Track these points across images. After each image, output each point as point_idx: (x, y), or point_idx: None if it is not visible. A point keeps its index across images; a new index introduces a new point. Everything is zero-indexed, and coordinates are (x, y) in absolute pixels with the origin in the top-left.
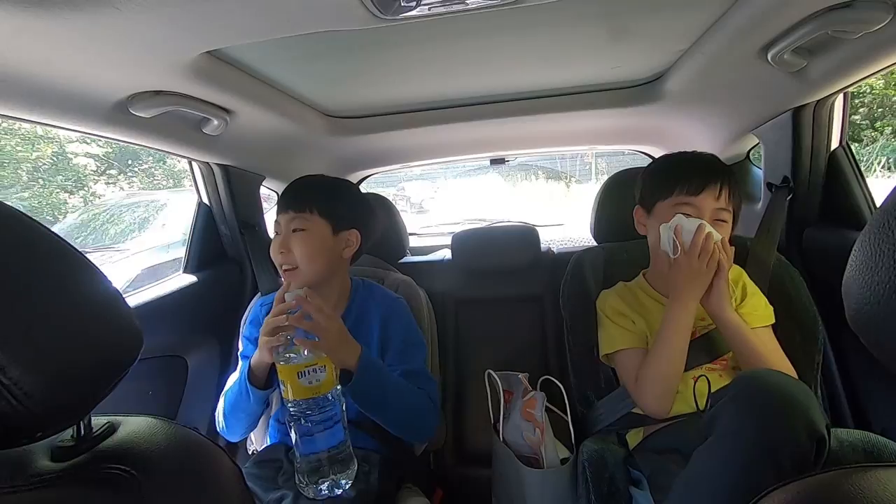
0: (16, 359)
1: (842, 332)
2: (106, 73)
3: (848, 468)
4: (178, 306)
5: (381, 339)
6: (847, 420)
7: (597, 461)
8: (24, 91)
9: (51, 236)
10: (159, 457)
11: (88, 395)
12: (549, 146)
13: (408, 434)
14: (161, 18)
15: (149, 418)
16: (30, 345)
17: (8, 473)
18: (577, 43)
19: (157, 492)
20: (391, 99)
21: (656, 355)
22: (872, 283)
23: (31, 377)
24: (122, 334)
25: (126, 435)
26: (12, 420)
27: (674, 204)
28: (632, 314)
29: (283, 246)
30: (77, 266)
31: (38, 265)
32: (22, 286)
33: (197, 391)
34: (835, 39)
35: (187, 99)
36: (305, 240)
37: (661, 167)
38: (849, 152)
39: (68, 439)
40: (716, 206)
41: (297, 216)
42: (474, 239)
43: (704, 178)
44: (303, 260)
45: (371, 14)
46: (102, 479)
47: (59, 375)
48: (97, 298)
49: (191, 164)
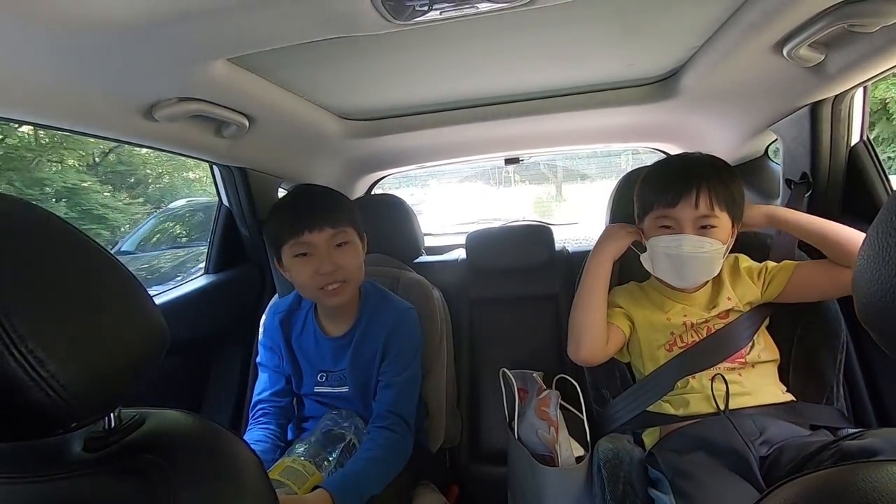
0: (53, 353)
1: (864, 331)
2: (131, 82)
3: (858, 463)
4: (200, 305)
5: (384, 350)
6: (871, 420)
7: (612, 460)
8: (55, 100)
9: (82, 237)
10: (184, 447)
11: (119, 388)
12: (563, 145)
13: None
14: (185, 29)
15: (174, 412)
16: (66, 340)
17: (45, 462)
18: (590, 41)
19: (183, 479)
20: (405, 101)
21: (575, 305)
22: (881, 277)
23: (67, 371)
24: (150, 331)
25: (154, 426)
26: (49, 411)
27: (655, 218)
28: (629, 307)
29: (330, 264)
30: (107, 266)
31: (71, 265)
32: (58, 285)
33: (219, 388)
34: (852, 33)
35: (208, 105)
36: (353, 251)
37: (644, 180)
38: (870, 147)
39: (100, 430)
40: (696, 216)
41: (338, 231)
42: (489, 238)
43: (678, 189)
44: (353, 271)
45: (384, 20)
46: (132, 468)
47: (92, 369)
48: (126, 297)
49: (211, 167)
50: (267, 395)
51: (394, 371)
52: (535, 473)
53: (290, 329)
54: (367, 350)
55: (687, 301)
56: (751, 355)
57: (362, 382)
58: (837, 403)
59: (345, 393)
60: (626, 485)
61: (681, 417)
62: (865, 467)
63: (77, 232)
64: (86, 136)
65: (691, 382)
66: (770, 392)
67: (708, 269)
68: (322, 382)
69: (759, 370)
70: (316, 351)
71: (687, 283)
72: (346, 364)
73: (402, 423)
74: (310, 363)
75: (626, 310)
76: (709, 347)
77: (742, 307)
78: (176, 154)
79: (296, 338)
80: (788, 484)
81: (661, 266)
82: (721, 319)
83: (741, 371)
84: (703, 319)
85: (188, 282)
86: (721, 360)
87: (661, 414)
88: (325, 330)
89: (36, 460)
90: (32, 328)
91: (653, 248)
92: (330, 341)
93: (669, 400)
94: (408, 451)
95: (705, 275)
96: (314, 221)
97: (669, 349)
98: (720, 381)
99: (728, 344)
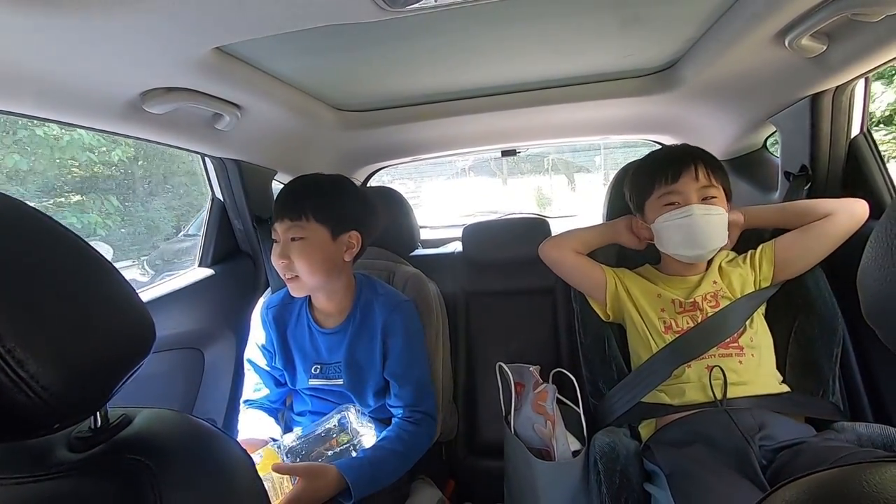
0: (33, 353)
1: (862, 326)
2: (118, 71)
3: (862, 463)
4: (193, 300)
5: (383, 345)
6: (867, 414)
7: (608, 454)
8: (39, 90)
9: (65, 233)
10: (173, 447)
11: (104, 388)
12: (561, 137)
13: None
14: (172, 15)
15: (163, 410)
16: (47, 339)
17: (28, 463)
18: (588, 31)
19: (171, 480)
20: (401, 92)
21: (578, 229)
22: (887, 274)
23: (48, 371)
24: (136, 328)
25: (141, 426)
26: (31, 412)
27: (658, 197)
28: (623, 276)
29: (283, 256)
30: (90, 262)
31: (53, 261)
32: (37, 282)
33: (214, 382)
34: (854, 23)
35: (199, 95)
36: (304, 249)
37: (636, 171)
38: (870, 139)
39: (85, 431)
40: (698, 186)
41: (294, 224)
42: (485, 231)
43: (678, 163)
44: (303, 270)
45: (378, 7)
46: (119, 469)
47: (74, 369)
48: (110, 293)
49: (203, 159)
50: (256, 398)
51: (405, 369)
52: (532, 467)
53: (284, 322)
54: (364, 343)
55: (678, 281)
56: (743, 338)
57: (358, 375)
58: (833, 397)
59: (340, 386)
60: (622, 478)
61: (676, 407)
62: (868, 467)
63: (59, 226)
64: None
65: (687, 372)
66: (766, 382)
67: (719, 233)
68: (317, 375)
69: (755, 358)
70: (310, 343)
71: (701, 249)
72: (342, 356)
73: (426, 417)
74: (304, 356)
75: (619, 278)
76: (702, 332)
77: (731, 293)
78: (169, 146)
79: (290, 331)
80: (790, 484)
81: (673, 240)
82: (713, 308)
83: (740, 358)
84: (691, 298)
85: (180, 275)
86: (714, 344)
87: (656, 404)
88: (319, 322)
89: (20, 462)
90: (11, 326)
91: (662, 224)
92: (324, 333)
93: (664, 390)
94: (429, 443)
95: (718, 240)
96: (279, 210)
97: (665, 332)
98: (718, 371)
99: (721, 328)
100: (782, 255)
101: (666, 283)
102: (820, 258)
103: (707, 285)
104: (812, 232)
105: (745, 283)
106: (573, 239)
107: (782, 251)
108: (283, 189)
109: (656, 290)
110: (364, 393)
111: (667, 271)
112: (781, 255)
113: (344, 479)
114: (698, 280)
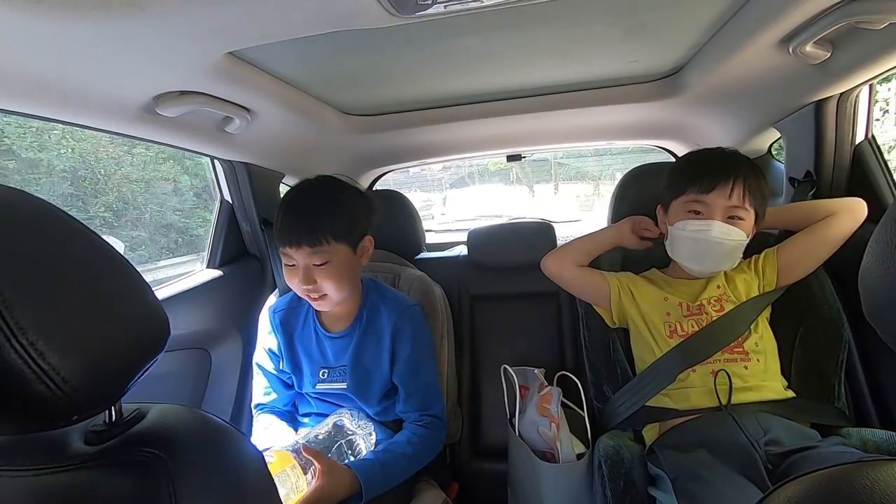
0: (54, 346)
1: (867, 330)
2: (133, 75)
3: (862, 462)
4: (201, 301)
5: (392, 350)
6: (872, 419)
7: (613, 457)
8: (56, 93)
9: (83, 229)
10: (186, 441)
11: (120, 381)
12: (567, 142)
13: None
14: (186, 21)
15: (175, 406)
16: (67, 333)
17: (45, 455)
18: (593, 38)
19: (184, 473)
20: (408, 96)
21: (580, 239)
22: (888, 274)
23: (68, 363)
24: (151, 324)
25: (155, 420)
26: (51, 404)
27: (685, 202)
28: (628, 281)
29: (308, 281)
30: (108, 258)
31: (72, 257)
32: (57, 278)
33: (220, 383)
34: (859, 30)
35: (211, 99)
36: (331, 271)
37: (678, 165)
38: (874, 146)
39: (101, 424)
40: (727, 205)
41: (316, 251)
42: (490, 235)
43: (715, 176)
44: (330, 289)
45: (388, 13)
46: (133, 462)
47: (93, 362)
48: (127, 289)
49: (212, 161)
50: (266, 402)
51: (415, 373)
52: (536, 470)
53: (291, 327)
54: (370, 346)
55: (684, 284)
56: (748, 343)
57: (363, 379)
58: (839, 402)
59: (343, 389)
60: (626, 482)
61: (681, 412)
62: (869, 465)
63: (78, 224)
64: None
65: (692, 376)
66: (772, 387)
67: (729, 258)
68: (323, 379)
69: (761, 364)
70: (317, 348)
71: (705, 268)
72: (348, 360)
73: (435, 420)
74: (311, 361)
75: (622, 285)
76: (707, 336)
77: (735, 298)
78: (179, 149)
79: (297, 335)
80: (792, 482)
81: (683, 250)
82: (717, 312)
83: (746, 363)
84: (697, 302)
85: (189, 276)
86: (720, 347)
87: (661, 408)
88: (325, 327)
89: (37, 453)
90: (33, 320)
91: (678, 231)
92: (331, 338)
93: (669, 394)
94: (439, 446)
95: (725, 264)
96: (293, 237)
97: (670, 336)
98: (724, 376)
99: (726, 332)
100: (785, 259)
101: (672, 287)
102: (822, 259)
103: (712, 289)
104: (814, 233)
105: (750, 288)
106: (574, 251)
107: (785, 255)
108: (289, 211)
109: (662, 293)
110: (368, 396)
111: (673, 275)
112: (784, 258)
113: (358, 480)
114: (704, 283)
